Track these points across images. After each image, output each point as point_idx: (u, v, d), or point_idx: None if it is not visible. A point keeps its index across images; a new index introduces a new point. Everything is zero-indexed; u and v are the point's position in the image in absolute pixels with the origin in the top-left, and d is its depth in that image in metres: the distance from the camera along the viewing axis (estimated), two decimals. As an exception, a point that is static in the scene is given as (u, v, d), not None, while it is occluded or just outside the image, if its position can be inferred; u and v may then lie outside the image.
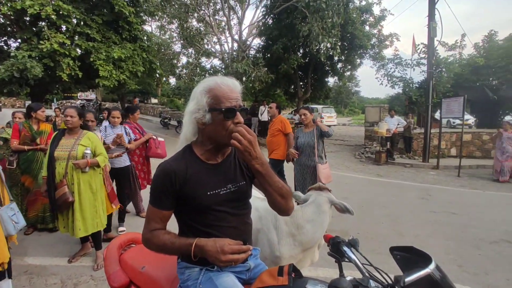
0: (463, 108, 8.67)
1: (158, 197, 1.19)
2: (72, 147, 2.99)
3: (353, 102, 52.70)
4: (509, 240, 4.08)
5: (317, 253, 2.17)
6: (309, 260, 2.13)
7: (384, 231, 4.28)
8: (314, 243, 2.05)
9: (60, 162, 2.99)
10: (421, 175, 8.57)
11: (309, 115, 4.05)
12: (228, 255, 1.07)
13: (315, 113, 20.06)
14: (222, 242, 1.09)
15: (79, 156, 2.98)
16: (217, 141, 1.20)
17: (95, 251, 3.24)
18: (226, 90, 1.16)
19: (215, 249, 1.08)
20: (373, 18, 16.38)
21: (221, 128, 1.15)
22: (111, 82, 10.37)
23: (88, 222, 3.02)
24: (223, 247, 1.07)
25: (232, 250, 1.08)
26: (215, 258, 1.08)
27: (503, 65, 13.03)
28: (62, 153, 2.99)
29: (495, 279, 3.10)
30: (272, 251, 2.00)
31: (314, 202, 2.09)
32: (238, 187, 1.25)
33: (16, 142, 3.76)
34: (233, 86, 1.19)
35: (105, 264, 1.63)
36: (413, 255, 1.07)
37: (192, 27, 14.80)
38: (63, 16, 9.45)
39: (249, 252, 1.12)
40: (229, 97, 1.15)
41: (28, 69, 8.72)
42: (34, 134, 3.86)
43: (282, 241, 2.00)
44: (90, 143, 3.08)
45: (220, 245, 1.08)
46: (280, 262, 1.98)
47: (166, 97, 33.59)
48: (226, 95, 1.15)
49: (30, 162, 3.82)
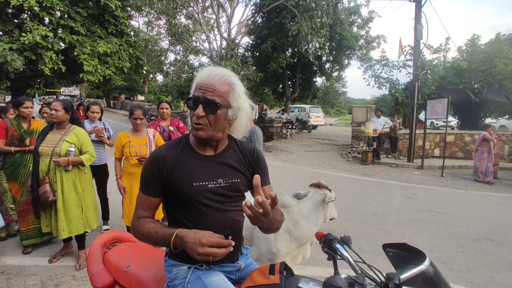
0: (447, 109, 8.88)
1: (146, 183, 1.17)
2: (57, 143, 2.82)
3: (340, 102, 53.40)
4: (491, 238, 4.20)
5: (309, 249, 2.19)
6: (301, 256, 2.14)
7: (370, 230, 4.32)
8: (309, 239, 2.09)
9: (43, 158, 2.83)
10: (406, 174, 8.73)
11: None
12: (206, 248, 0.99)
13: (303, 112, 20.21)
14: (202, 234, 1.03)
15: (62, 153, 2.80)
16: None
17: (77, 250, 3.12)
18: (201, 79, 1.13)
19: (193, 240, 1.01)
20: (361, 19, 16.62)
21: (191, 117, 1.16)
22: (96, 78, 10.10)
23: (73, 223, 2.88)
24: (201, 239, 1.01)
25: (210, 243, 1.01)
26: (193, 250, 1.01)
27: (485, 69, 13.45)
28: (46, 148, 2.81)
29: (478, 276, 3.17)
30: (269, 247, 2.00)
31: (310, 199, 2.11)
32: (230, 183, 1.20)
33: (2, 143, 3.27)
34: (209, 76, 1.12)
35: (88, 263, 1.56)
36: (406, 252, 1.05)
37: (181, 24, 14.60)
38: (46, 8, 9.12)
39: (230, 248, 1.04)
40: (198, 86, 1.12)
41: (8, 62, 8.38)
42: (22, 133, 3.33)
43: (279, 237, 2.01)
44: (77, 139, 2.90)
45: (199, 236, 1.02)
46: (277, 259, 1.99)
47: (153, 95, 33.12)
48: (198, 84, 1.13)
49: (17, 166, 3.33)
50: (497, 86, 13.25)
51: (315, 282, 1.12)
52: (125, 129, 3.75)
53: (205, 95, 1.10)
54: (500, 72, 12.99)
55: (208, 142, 1.20)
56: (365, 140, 10.90)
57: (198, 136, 1.14)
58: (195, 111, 1.11)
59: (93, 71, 9.89)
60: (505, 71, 12.95)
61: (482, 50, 14.58)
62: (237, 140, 1.31)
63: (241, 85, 1.20)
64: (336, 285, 0.87)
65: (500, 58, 13.21)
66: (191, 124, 1.15)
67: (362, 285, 0.95)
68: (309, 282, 1.12)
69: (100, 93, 32.86)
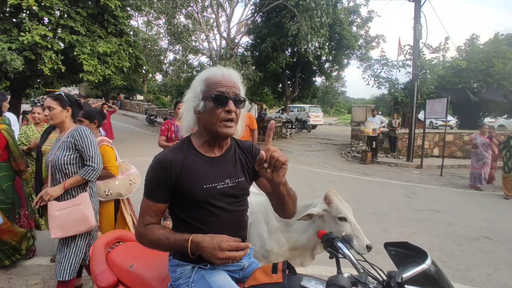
0: (446, 109, 8.90)
1: (153, 189, 1.14)
2: None
3: (339, 102, 53.39)
4: (489, 237, 4.22)
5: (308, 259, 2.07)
6: (298, 261, 2.12)
7: (370, 229, 4.34)
8: (301, 244, 2.02)
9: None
10: (406, 174, 8.76)
11: None
12: (226, 252, 1.02)
13: (302, 112, 20.22)
14: (220, 239, 1.05)
15: None
16: (211, 131, 1.15)
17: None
18: (219, 77, 1.13)
19: (212, 245, 1.03)
20: (360, 19, 16.64)
21: (212, 116, 1.12)
22: (96, 77, 10.09)
23: None
24: (220, 244, 1.02)
25: (230, 247, 1.03)
26: (212, 255, 1.03)
27: (483, 69, 13.48)
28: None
29: (477, 274, 3.19)
30: (262, 245, 2.02)
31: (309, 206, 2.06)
32: (237, 183, 1.21)
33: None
34: (228, 75, 1.15)
35: (91, 263, 1.57)
36: (408, 250, 1.07)
37: (180, 23, 14.61)
38: (46, 8, 9.10)
39: (247, 250, 1.08)
40: (221, 84, 1.12)
41: (7, 61, 8.36)
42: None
43: (272, 236, 2.01)
44: None
45: (217, 241, 1.03)
46: (269, 257, 1.99)
47: (152, 94, 33.08)
48: (219, 82, 1.12)
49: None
50: (496, 85, 13.29)
51: (317, 281, 1.13)
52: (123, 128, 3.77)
53: (233, 91, 1.12)
54: (499, 72, 13.02)
55: (217, 142, 1.21)
56: (365, 140, 10.92)
57: (230, 133, 1.14)
58: (225, 107, 1.10)
59: (92, 71, 9.88)
60: (503, 70, 12.98)
61: (481, 49, 14.61)
62: (236, 139, 1.32)
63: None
64: (339, 285, 0.88)
65: (498, 58, 13.24)
66: (216, 123, 1.11)
67: (365, 284, 0.96)
68: (311, 281, 1.13)
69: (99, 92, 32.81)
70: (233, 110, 1.11)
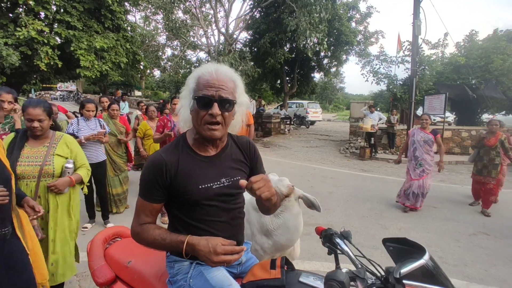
0: (445, 105, 8.91)
1: (148, 190, 1.14)
2: (45, 158, 2.06)
3: (337, 98, 53.40)
4: (486, 232, 4.25)
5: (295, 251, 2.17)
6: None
7: (368, 225, 4.36)
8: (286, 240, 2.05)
9: (27, 182, 2.02)
10: (404, 170, 8.75)
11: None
12: (221, 256, 1.02)
13: (301, 108, 20.21)
14: (215, 242, 1.04)
15: (57, 171, 2.10)
16: (198, 131, 1.14)
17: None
18: (207, 77, 1.09)
19: (207, 249, 1.03)
20: (359, 15, 16.58)
21: (196, 117, 1.11)
22: (93, 73, 10.05)
23: (68, 262, 2.20)
24: (215, 248, 1.02)
25: (225, 251, 1.03)
26: (207, 259, 1.03)
27: (482, 65, 13.47)
28: (29, 168, 2.01)
29: (474, 270, 3.21)
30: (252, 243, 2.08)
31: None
32: (232, 181, 1.21)
33: None
34: (217, 74, 1.09)
35: (89, 259, 1.56)
36: (406, 246, 1.07)
37: (178, 19, 14.51)
38: (42, 2, 9.04)
39: (242, 253, 1.08)
40: (208, 85, 1.07)
41: (4, 57, 8.31)
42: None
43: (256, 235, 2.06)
44: (69, 151, 2.20)
45: (212, 245, 1.03)
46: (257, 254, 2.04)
47: (150, 90, 32.96)
48: (206, 82, 1.08)
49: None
50: (495, 82, 13.29)
51: (315, 276, 1.13)
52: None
53: (219, 93, 1.07)
54: (498, 68, 13.02)
55: (211, 142, 1.18)
56: (363, 136, 10.92)
57: (214, 136, 1.11)
58: (208, 110, 1.07)
59: (89, 66, 9.84)
60: (502, 67, 12.97)
61: (480, 46, 14.59)
62: (233, 135, 1.31)
63: (241, 80, 1.20)
64: (338, 280, 0.88)
65: (497, 54, 13.22)
66: (200, 125, 1.10)
67: (363, 279, 0.96)
68: (309, 276, 1.13)
69: (97, 88, 32.66)
70: (217, 114, 1.07)
